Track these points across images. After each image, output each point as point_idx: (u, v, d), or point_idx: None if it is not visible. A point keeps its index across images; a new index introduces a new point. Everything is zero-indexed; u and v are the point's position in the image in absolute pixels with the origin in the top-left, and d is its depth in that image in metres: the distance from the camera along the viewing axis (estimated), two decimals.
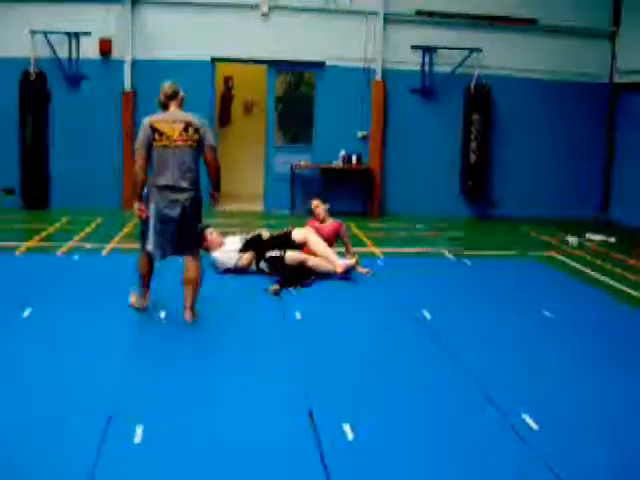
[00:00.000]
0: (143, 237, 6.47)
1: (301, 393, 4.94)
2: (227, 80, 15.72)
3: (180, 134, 6.24)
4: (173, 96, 6.38)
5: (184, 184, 6.28)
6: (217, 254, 8.22)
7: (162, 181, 6.25)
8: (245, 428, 4.40)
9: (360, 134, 13.87)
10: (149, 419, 4.40)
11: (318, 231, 8.33)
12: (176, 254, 6.49)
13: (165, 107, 6.41)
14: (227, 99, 15.91)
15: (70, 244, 9.88)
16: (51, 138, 13.12)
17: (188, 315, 6.49)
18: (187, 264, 6.48)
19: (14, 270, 8.11)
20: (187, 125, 6.28)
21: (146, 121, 6.30)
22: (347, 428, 4.38)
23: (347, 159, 13.72)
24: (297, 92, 14.37)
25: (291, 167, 13.74)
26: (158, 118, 6.32)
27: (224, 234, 8.64)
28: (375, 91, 13.77)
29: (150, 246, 6.37)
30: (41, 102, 12.97)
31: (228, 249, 8.24)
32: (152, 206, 6.30)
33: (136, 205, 6.33)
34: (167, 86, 6.42)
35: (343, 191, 13.54)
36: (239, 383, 5.12)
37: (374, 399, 4.91)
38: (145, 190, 6.35)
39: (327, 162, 13.77)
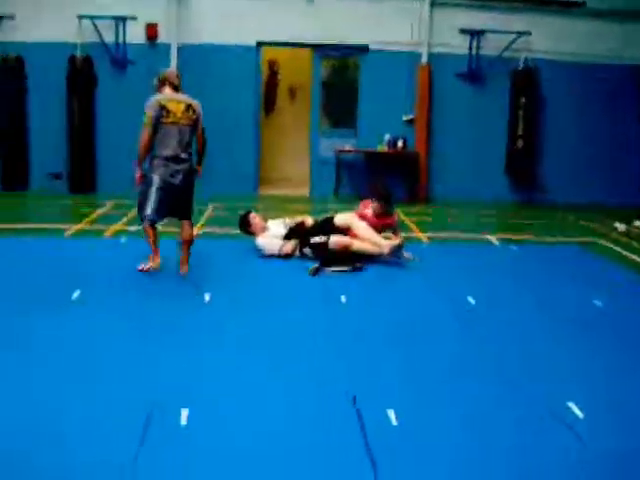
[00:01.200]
0: (141, 206, 7.27)
1: (345, 377, 4.93)
2: (272, 64, 15.72)
3: (183, 113, 7.18)
4: (178, 81, 7.40)
5: (184, 156, 7.19)
6: (261, 240, 8.23)
7: (167, 153, 7.10)
8: (288, 410, 4.40)
9: (405, 118, 13.78)
10: (194, 402, 4.42)
11: (364, 217, 8.27)
12: (174, 217, 7.49)
13: (170, 89, 7.28)
14: (272, 84, 15.92)
15: (116, 227, 9.98)
16: (97, 123, 13.26)
17: (184, 269, 7.39)
18: (184, 226, 7.47)
19: (63, 252, 8.20)
20: (188, 106, 7.24)
21: (155, 101, 7.15)
22: (391, 414, 4.36)
23: (392, 143, 13.65)
24: (342, 76, 14.32)
25: (336, 152, 13.72)
26: (166, 98, 7.20)
27: (267, 219, 8.64)
28: (421, 75, 13.66)
29: (149, 211, 7.18)
30: (88, 87, 13.12)
31: (272, 234, 8.25)
32: (155, 176, 7.12)
33: (138, 174, 7.20)
34: (175, 73, 7.56)
35: (388, 175, 13.47)
36: (282, 365, 5.12)
37: (418, 385, 4.87)
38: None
39: (372, 146, 13.72)
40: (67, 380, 4.74)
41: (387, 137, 13.65)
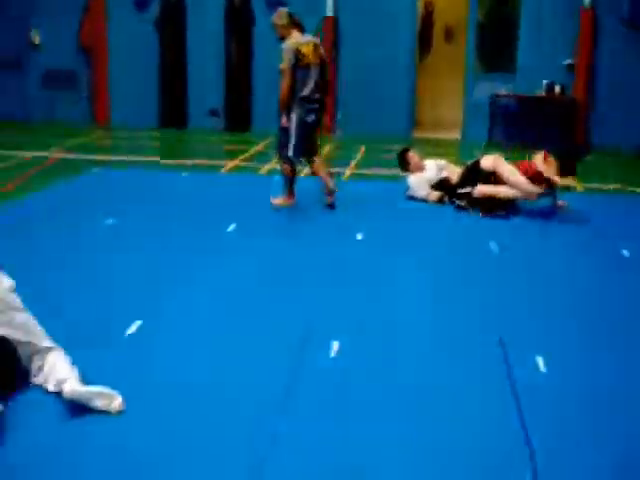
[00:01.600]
0: (283, 146, 7.56)
1: (493, 322, 4.94)
2: (427, 4, 15.46)
3: (312, 54, 7.43)
4: (300, 22, 7.55)
5: (317, 96, 7.53)
6: (412, 179, 8.24)
7: (303, 94, 7.40)
8: (434, 352, 4.46)
9: (565, 62, 13.30)
10: (344, 335, 4.55)
11: (518, 167, 7.99)
12: (309, 157, 7.72)
13: (297, 30, 7.45)
14: (427, 24, 15.68)
15: (270, 165, 10.23)
16: (254, 61, 13.50)
17: (331, 199, 7.74)
18: (319, 163, 7.82)
19: (220, 187, 8.50)
20: (315, 46, 7.50)
21: (291, 45, 7.35)
22: (539, 360, 4.35)
23: (550, 88, 13.22)
24: (499, 17, 13.93)
25: (491, 96, 13.44)
26: (299, 42, 7.40)
27: (424, 159, 8.59)
28: (583, 19, 13.10)
29: (291, 152, 7.47)
30: (245, 25, 13.34)
31: (424, 177, 8.22)
32: (295, 116, 7.42)
33: (284, 119, 7.46)
34: (289, 15, 7.51)
35: (544, 121, 13.09)
36: (431, 307, 5.18)
37: (568, 334, 4.81)
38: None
39: (528, 91, 13.34)
40: (223, 310, 4.99)
41: (545, 82, 13.23)
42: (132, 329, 4.58)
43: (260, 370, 4.10)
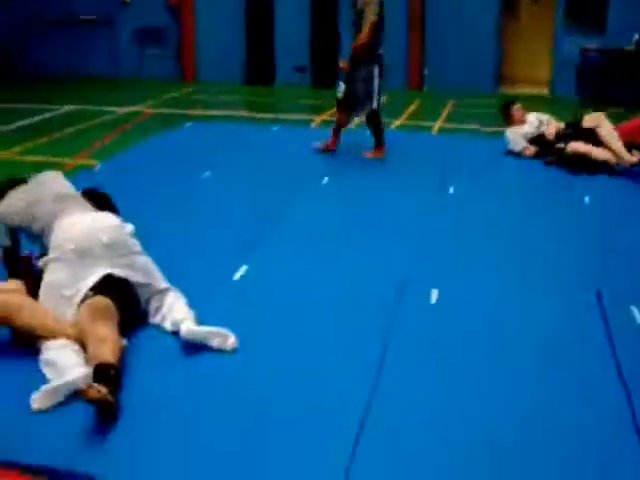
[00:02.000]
0: (367, 99, 7.62)
1: (592, 273, 4.99)
2: None
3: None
4: None
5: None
6: (509, 133, 8.20)
7: (380, 49, 7.54)
8: (532, 302, 4.52)
9: None
10: (443, 284, 4.67)
11: (621, 129, 7.82)
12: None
13: None
14: None
15: (360, 120, 10.33)
16: (340, 16, 13.50)
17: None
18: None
19: (310, 141, 8.58)
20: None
21: None
22: (635, 312, 4.37)
23: None
24: None
25: (580, 51, 13.19)
26: None
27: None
28: None
29: (375, 104, 7.61)
30: None
31: (520, 131, 8.16)
32: (376, 70, 7.50)
33: (345, 64, 7.59)
34: None
35: (635, 77, 12.81)
36: (525, 258, 5.25)
37: None
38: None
39: (619, 46, 13.04)
40: (321, 258, 5.17)
41: (636, 36, 12.91)
42: (239, 274, 4.79)
43: (362, 313, 4.27)
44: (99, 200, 4.54)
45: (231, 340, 3.86)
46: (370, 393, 3.44)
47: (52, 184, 4.51)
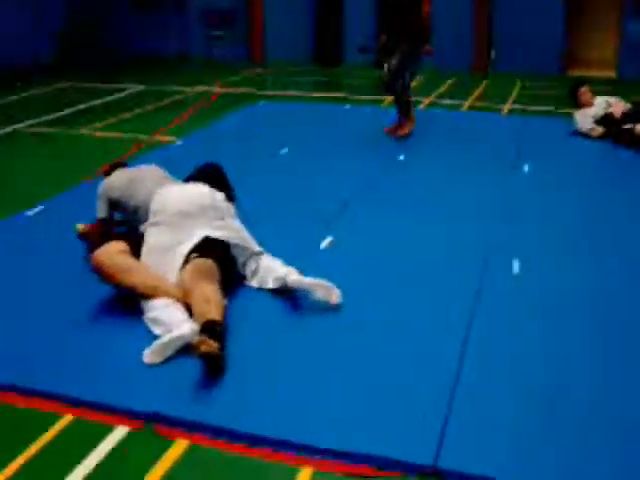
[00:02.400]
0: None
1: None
2: None
3: None
4: None
5: None
6: (577, 114, 8.25)
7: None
8: (607, 274, 4.61)
9: None
10: (524, 255, 4.80)
11: None
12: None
13: None
14: None
15: (429, 100, 10.45)
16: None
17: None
18: None
19: (383, 120, 8.71)
20: None
21: None
22: None
23: None
24: None
25: None
26: None
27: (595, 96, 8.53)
28: None
29: (407, 79, 7.88)
30: None
31: (588, 112, 8.20)
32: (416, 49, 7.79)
33: (429, 47, 7.79)
34: None
35: None
36: (592, 234, 5.31)
37: None
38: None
39: None
40: (406, 229, 5.33)
41: None
42: (325, 243, 4.98)
43: (450, 281, 4.44)
44: (211, 175, 4.79)
45: (336, 294, 4.04)
46: (462, 347, 3.66)
47: (152, 171, 4.93)
